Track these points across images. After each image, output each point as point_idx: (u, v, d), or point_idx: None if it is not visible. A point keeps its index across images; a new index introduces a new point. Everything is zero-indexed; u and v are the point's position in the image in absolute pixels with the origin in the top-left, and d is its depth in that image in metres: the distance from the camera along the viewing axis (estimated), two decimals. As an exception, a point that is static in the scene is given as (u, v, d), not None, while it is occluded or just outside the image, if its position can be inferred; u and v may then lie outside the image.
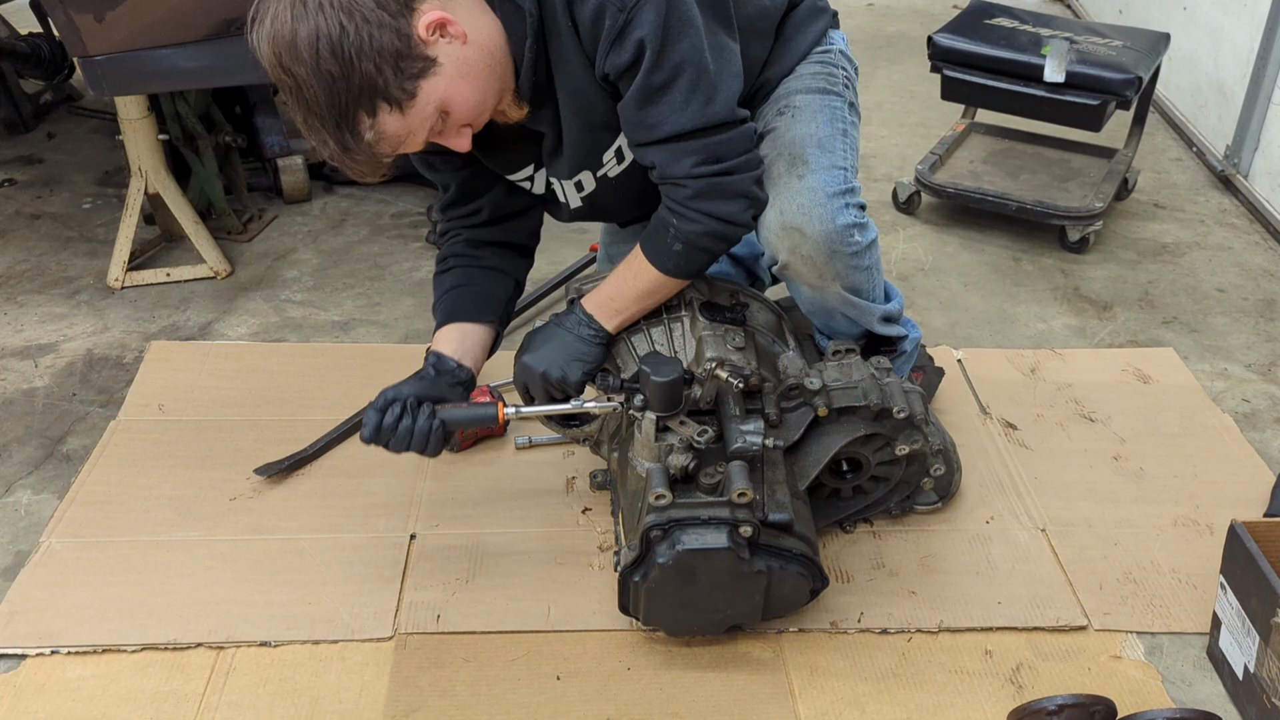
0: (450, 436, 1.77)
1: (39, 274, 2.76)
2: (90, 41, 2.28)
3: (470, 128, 1.62)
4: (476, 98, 1.57)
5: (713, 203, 1.66)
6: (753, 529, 1.57)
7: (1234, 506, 2.03)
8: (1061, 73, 2.76)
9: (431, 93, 1.51)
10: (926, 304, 2.69)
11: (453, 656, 1.71)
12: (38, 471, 2.10)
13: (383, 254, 2.88)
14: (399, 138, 1.53)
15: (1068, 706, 1.53)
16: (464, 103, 1.55)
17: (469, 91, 1.55)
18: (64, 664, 1.68)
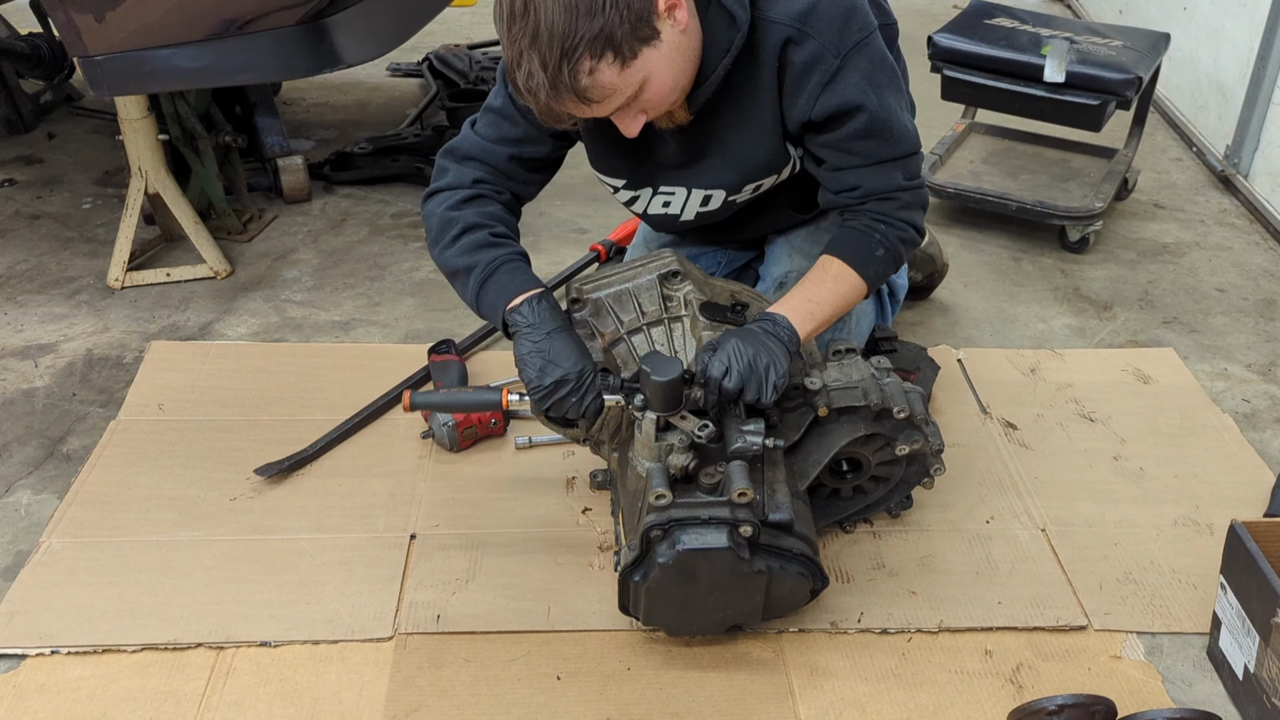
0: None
1: (39, 274, 2.76)
2: (90, 41, 2.28)
3: (646, 115, 1.67)
4: (671, 84, 1.64)
5: (913, 213, 1.85)
6: (753, 529, 1.57)
7: (1234, 506, 2.03)
8: (1061, 73, 2.76)
9: (647, 62, 1.57)
10: (926, 304, 2.69)
11: (453, 656, 1.71)
12: (38, 471, 2.10)
13: (383, 254, 2.88)
14: (606, 91, 1.57)
15: (1068, 706, 1.53)
16: (661, 85, 1.62)
17: (670, 76, 1.63)
18: (64, 664, 1.68)
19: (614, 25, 1.51)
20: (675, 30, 1.59)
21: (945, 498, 2.03)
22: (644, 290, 1.84)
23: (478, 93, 3.53)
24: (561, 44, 1.50)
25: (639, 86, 1.59)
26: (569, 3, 1.48)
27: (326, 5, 2.40)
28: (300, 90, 3.92)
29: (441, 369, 2.26)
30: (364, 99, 3.88)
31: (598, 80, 1.54)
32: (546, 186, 2.00)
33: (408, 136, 3.37)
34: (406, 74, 4.05)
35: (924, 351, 2.31)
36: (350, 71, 3.60)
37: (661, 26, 1.57)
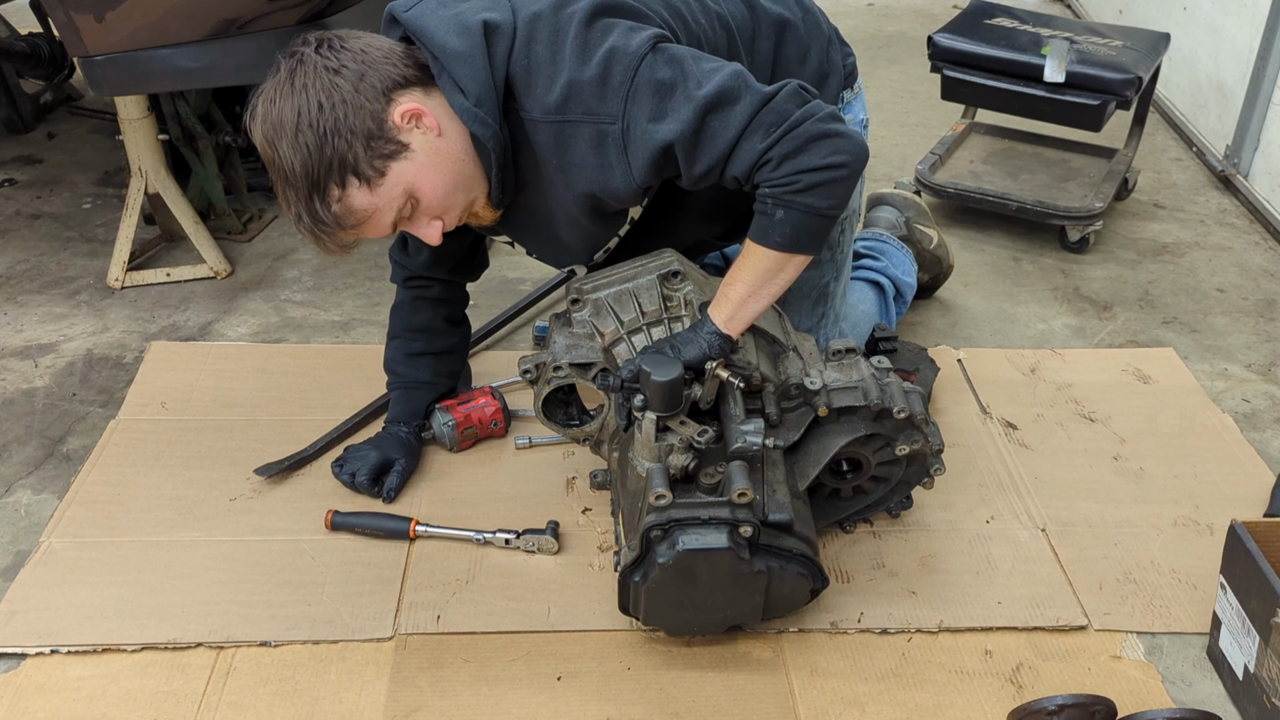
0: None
1: (39, 274, 2.76)
2: (90, 41, 2.28)
3: (442, 221, 1.70)
4: (445, 189, 1.66)
5: (797, 159, 1.59)
6: (753, 529, 1.57)
7: (1234, 506, 2.03)
8: (1061, 73, 2.76)
9: (401, 175, 1.61)
10: (927, 304, 2.69)
11: (453, 656, 1.71)
12: (38, 471, 2.10)
13: (382, 254, 2.86)
14: (365, 213, 1.62)
15: (1068, 706, 1.53)
16: (433, 191, 1.65)
17: (438, 181, 1.65)
18: (64, 664, 1.68)
19: (344, 152, 1.56)
20: (429, 137, 1.61)
21: (945, 498, 2.03)
22: (644, 290, 1.84)
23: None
24: (306, 181, 1.58)
25: (405, 199, 1.63)
26: (300, 143, 1.56)
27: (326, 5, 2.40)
28: (300, 90, 3.91)
29: None
30: (364, 99, 3.88)
31: (350, 205, 1.60)
32: None
33: (408, 136, 3.36)
34: (406, 74, 4.04)
35: (924, 352, 2.31)
36: (350, 71, 3.59)
37: (409, 138, 1.60)
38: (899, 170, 3.35)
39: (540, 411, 1.86)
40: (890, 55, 4.33)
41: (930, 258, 2.60)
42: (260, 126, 1.60)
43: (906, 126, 3.72)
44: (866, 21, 4.71)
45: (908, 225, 2.57)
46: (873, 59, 4.25)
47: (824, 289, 2.10)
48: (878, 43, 4.45)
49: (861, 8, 4.91)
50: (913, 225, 2.59)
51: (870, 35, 4.53)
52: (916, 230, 2.59)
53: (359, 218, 1.62)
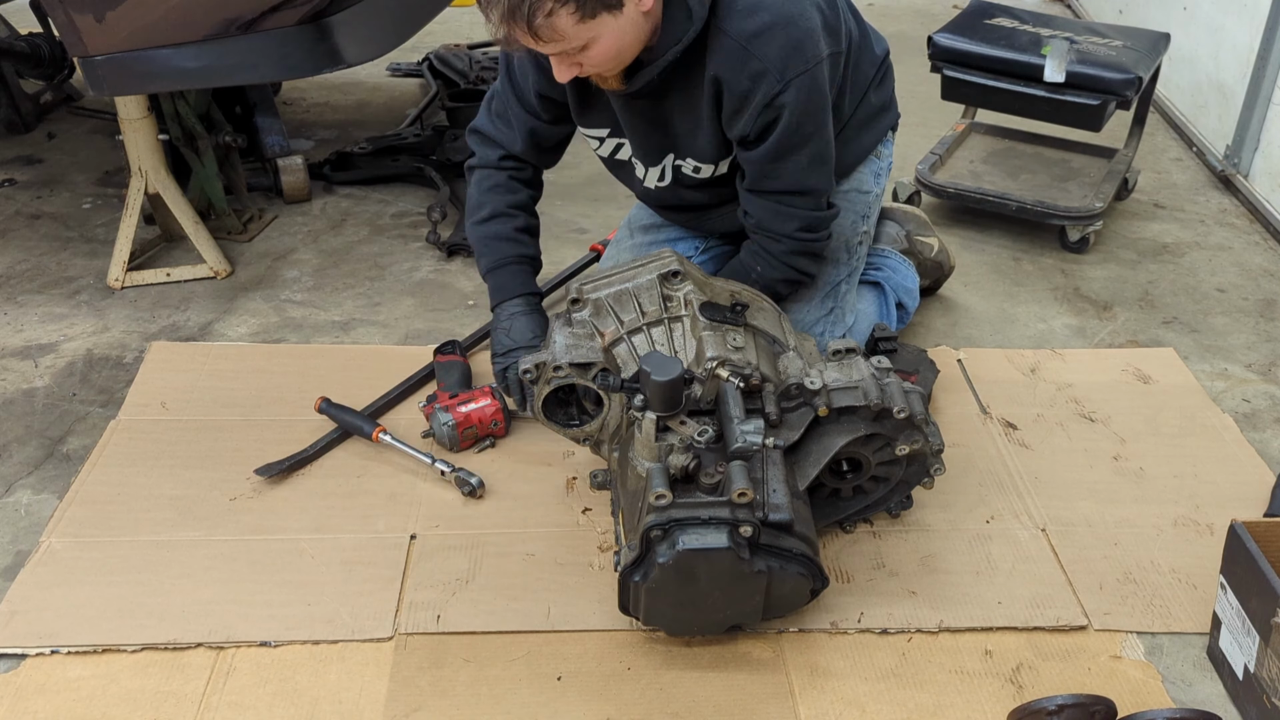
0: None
1: (39, 274, 2.76)
2: (90, 41, 2.28)
3: (580, 68, 1.77)
4: (614, 53, 1.74)
5: (800, 260, 2.01)
6: (753, 529, 1.57)
7: (1234, 506, 2.03)
8: (1061, 73, 2.76)
9: (602, 25, 1.67)
10: (927, 304, 2.69)
11: (453, 656, 1.71)
12: (38, 471, 2.10)
13: (383, 254, 2.88)
14: (556, 35, 1.67)
15: (1068, 706, 1.53)
16: (605, 50, 1.71)
17: (615, 46, 1.72)
18: (64, 664, 1.68)
19: None
20: (638, 9, 1.69)
21: (945, 498, 2.03)
22: (644, 290, 1.85)
23: (477, 93, 3.53)
24: None
25: (586, 43, 1.69)
26: None
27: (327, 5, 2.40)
28: (300, 90, 3.92)
29: (445, 369, 2.26)
30: (364, 99, 3.88)
31: (552, 23, 1.64)
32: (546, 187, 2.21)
33: (408, 136, 3.37)
34: (406, 74, 4.05)
35: (924, 354, 2.31)
36: (350, 71, 3.60)
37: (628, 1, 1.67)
38: (899, 170, 3.34)
39: (540, 411, 1.86)
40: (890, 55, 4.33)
41: (931, 264, 2.60)
42: None
43: (906, 126, 3.68)
44: (866, 21, 4.71)
45: (909, 239, 2.58)
46: (873, 59, 4.25)
47: (836, 286, 2.17)
48: (878, 43, 4.45)
49: (862, 8, 4.90)
50: (913, 238, 2.58)
51: (870, 35, 4.52)
52: (918, 242, 2.58)
53: (549, 35, 1.65)
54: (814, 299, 2.17)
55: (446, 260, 2.84)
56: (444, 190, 3.06)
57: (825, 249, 2.04)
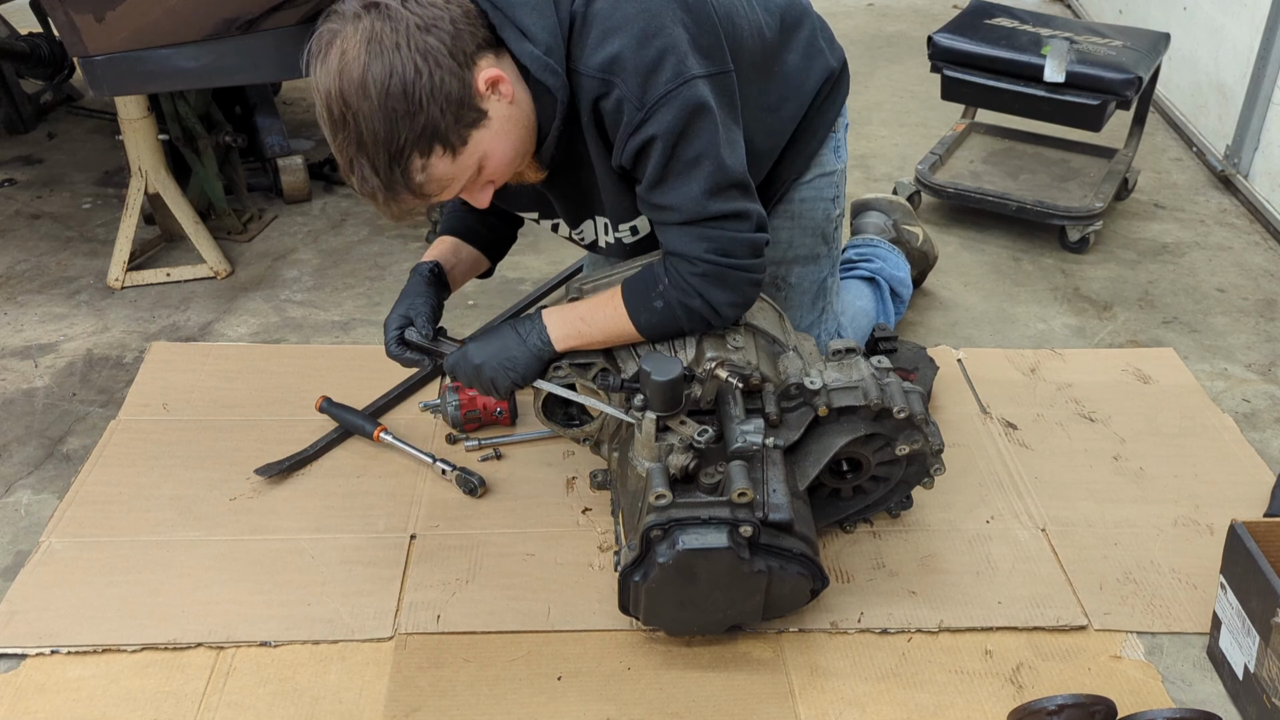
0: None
1: (39, 274, 2.76)
2: (90, 41, 2.28)
3: (493, 184, 1.66)
4: (511, 155, 1.62)
5: (711, 287, 1.70)
6: (753, 529, 1.57)
7: (1234, 506, 2.03)
8: (1061, 73, 2.76)
9: (479, 143, 1.56)
10: (927, 304, 2.69)
11: (453, 656, 1.71)
12: (38, 471, 2.10)
13: (383, 254, 2.88)
14: (444, 182, 1.57)
15: (1068, 706, 1.53)
16: (500, 158, 1.60)
17: (507, 148, 1.60)
18: (64, 664, 1.68)
19: (435, 120, 1.49)
20: (503, 104, 1.56)
21: (945, 498, 2.03)
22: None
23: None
24: (387, 149, 1.49)
25: (477, 167, 1.59)
26: (386, 107, 1.47)
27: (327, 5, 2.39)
28: (300, 90, 3.92)
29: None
30: (364, 99, 3.88)
31: (432, 174, 1.54)
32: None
33: (408, 136, 3.36)
34: (406, 74, 4.04)
35: (923, 351, 2.31)
36: (350, 71, 3.59)
37: (487, 105, 1.54)
38: (899, 170, 3.35)
39: (540, 411, 1.86)
40: (890, 55, 4.33)
41: (918, 254, 2.61)
42: (335, 81, 1.48)
43: (906, 126, 3.72)
44: (866, 21, 4.71)
45: (895, 227, 2.58)
46: (873, 59, 4.26)
47: (822, 284, 2.11)
48: (878, 43, 4.45)
49: (861, 8, 4.91)
50: (900, 226, 2.60)
51: (870, 35, 4.53)
52: (904, 231, 2.60)
53: (438, 186, 1.57)
54: (803, 303, 2.09)
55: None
56: (444, 190, 3.06)
57: (750, 283, 1.73)
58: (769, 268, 1.98)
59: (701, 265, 1.68)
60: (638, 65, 1.57)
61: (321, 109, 1.52)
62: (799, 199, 2.01)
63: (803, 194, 2.01)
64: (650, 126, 1.59)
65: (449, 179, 1.57)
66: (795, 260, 2.05)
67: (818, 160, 2.02)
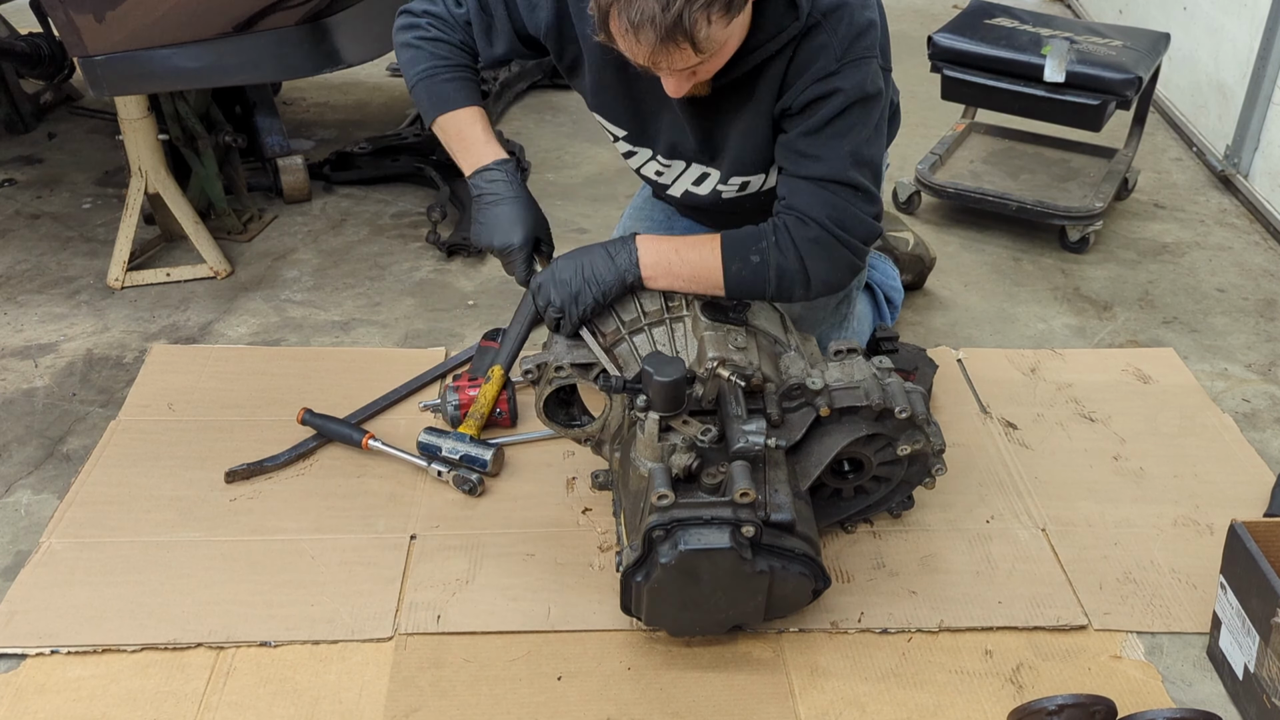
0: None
1: (39, 274, 2.76)
2: (90, 41, 2.28)
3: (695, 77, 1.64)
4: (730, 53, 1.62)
5: (817, 255, 1.72)
6: (755, 529, 1.57)
7: (1234, 506, 2.03)
8: (1061, 73, 2.76)
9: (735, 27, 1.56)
10: (927, 304, 2.69)
11: (453, 656, 1.71)
12: (38, 471, 2.10)
13: (383, 254, 2.88)
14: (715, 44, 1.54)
15: (1068, 706, 1.53)
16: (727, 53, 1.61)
17: (735, 45, 1.62)
18: (64, 664, 1.68)
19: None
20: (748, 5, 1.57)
21: (945, 498, 2.03)
22: (645, 290, 1.84)
23: (478, 93, 3.53)
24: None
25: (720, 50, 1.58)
26: None
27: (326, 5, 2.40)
28: (300, 90, 3.92)
29: (481, 354, 2.28)
30: (364, 99, 3.88)
31: (711, 35, 1.51)
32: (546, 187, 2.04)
33: (408, 136, 3.37)
34: (406, 74, 4.05)
35: (923, 352, 2.31)
36: (350, 71, 3.60)
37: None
38: (899, 170, 3.34)
39: (541, 411, 1.86)
40: (890, 55, 4.33)
41: (910, 258, 2.61)
42: None
43: (906, 126, 3.68)
44: (866, 21, 4.71)
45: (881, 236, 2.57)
46: (872, 59, 4.25)
47: (848, 293, 2.15)
48: (877, 43, 4.45)
49: (861, 8, 4.91)
50: (887, 235, 2.60)
51: (870, 35, 4.52)
52: (891, 238, 2.61)
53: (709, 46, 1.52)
54: (829, 305, 2.13)
55: (446, 260, 2.84)
56: (444, 190, 3.06)
57: (850, 267, 1.76)
58: None
59: (816, 229, 1.71)
60: (854, 21, 1.67)
61: None
62: None
63: None
64: (839, 79, 1.66)
65: (718, 43, 1.54)
66: None
67: None
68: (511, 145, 3.33)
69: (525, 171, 3.24)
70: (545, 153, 3.40)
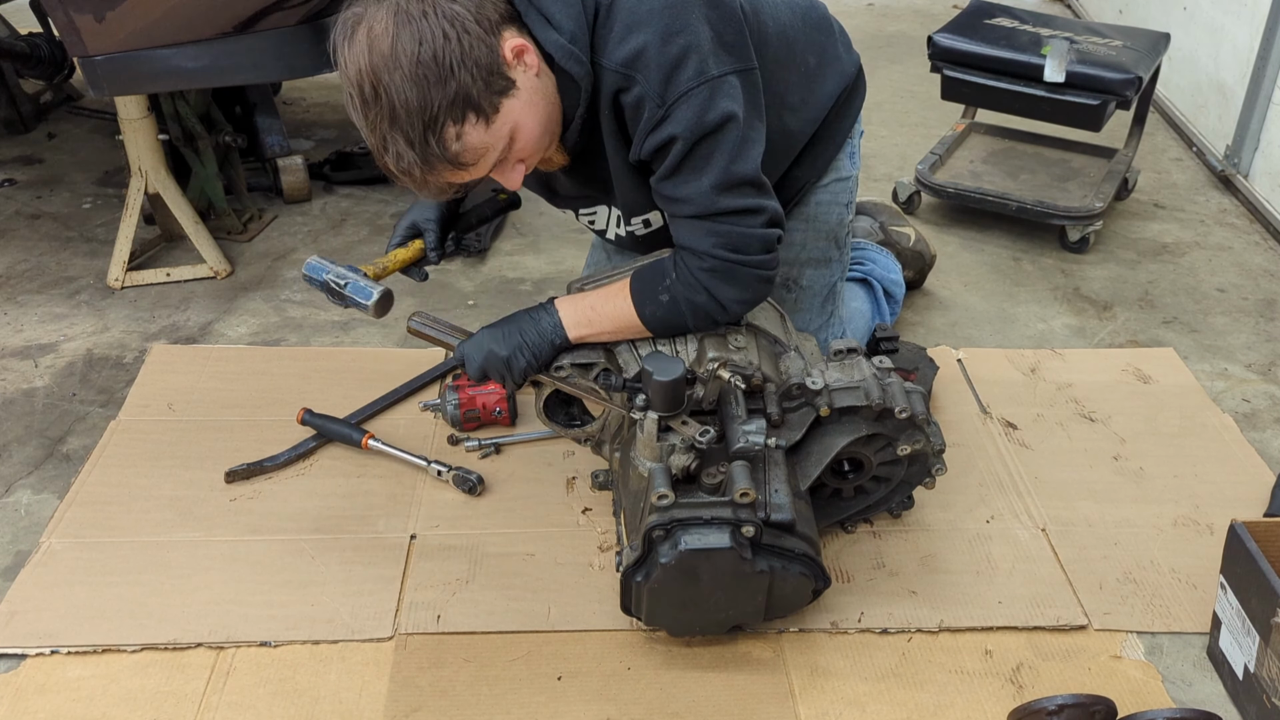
0: None
1: (39, 274, 2.76)
2: (90, 41, 2.28)
3: (524, 164, 1.65)
4: (539, 131, 1.61)
5: (719, 283, 1.71)
6: (755, 529, 1.57)
7: (1234, 506, 2.03)
8: (1061, 73, 2.76)
9: (509, 112, 1.55)
10: (927, 303, 2.69)
11: (453, 656, 1.71)
12: (38, 471, 2.10)
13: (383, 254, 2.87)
14: (479, 151, 1.56)
15: (1068, 706, 1.53)
16: (530, 132, 1.59)
17: (536, 122, 1.60)
18: (64, 664, 1.68)
19: (468, 85, 1.49)
20: (530, 75, 1.56)
21: (945, 498, 2.03)
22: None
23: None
24: (421, 118, 1.48)
25: (509, 138, 1.57)
26: (417, 75, 1.46)
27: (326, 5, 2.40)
28: (300, 90, 3.92)
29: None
30: (364, 99, 3.88)
31: (467, 143, 1.53)
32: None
33: (408, 136, 3.36)
34: (406, 74, 4.05)
35: (923, 351, 2.31)
36: (350, 71, 3.59)
37: (515, 75, 1.54)
38: (899, 170, 3.35)
39: (541, 411, 1.86)
40: (890, 55, 4.33)
41: (911, 254, 2.61)
42: (364, 58, 1.48)
43: (906, 126, 3.72)
44: (866, 21, 4.71)
45: (883, 229, 2.58)
46: (873, 59, 4.25)
47: (833, 288, 2.13)
48: (878, 43, 4.45)
49: (861, 8, 4.91)
50: (888, 228, 2.60)
51: (870, 35, 4.53)
52: (893, 232, 2.61)
53: (473, 156, 1.55)
54: (813, 305, 2.11)
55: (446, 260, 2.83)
56: (444, 190, 3.05)
57: (760, 280, 1.73)
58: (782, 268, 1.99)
59: (709, 260, 1.69)
60: (660, 62, 1.57)
61: (352, 89, 1.51)
62: (815, 202, 2.04)
63: (819, 198, 2.04)
64: (670, 125, 1.60)
65: (484, 148, 1.55)
66: (808, 263, 2.07)
67: (834, 165, 2.04)
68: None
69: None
70: (545, 153, 3.40)
